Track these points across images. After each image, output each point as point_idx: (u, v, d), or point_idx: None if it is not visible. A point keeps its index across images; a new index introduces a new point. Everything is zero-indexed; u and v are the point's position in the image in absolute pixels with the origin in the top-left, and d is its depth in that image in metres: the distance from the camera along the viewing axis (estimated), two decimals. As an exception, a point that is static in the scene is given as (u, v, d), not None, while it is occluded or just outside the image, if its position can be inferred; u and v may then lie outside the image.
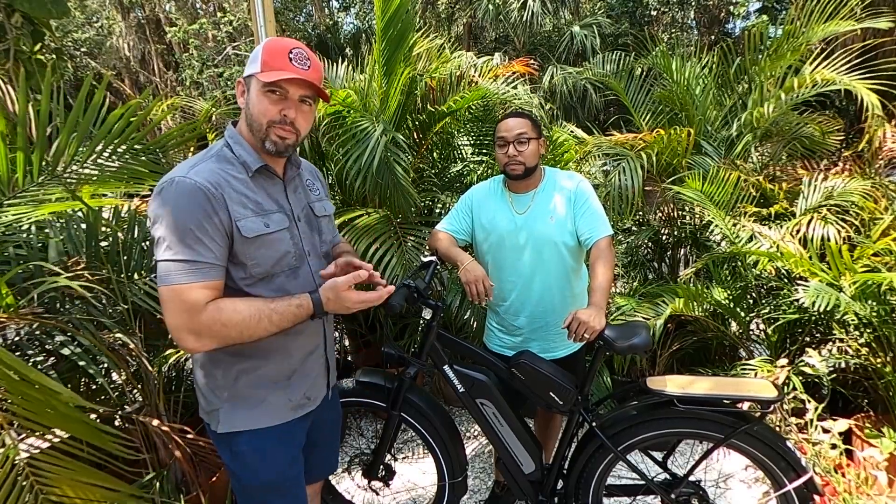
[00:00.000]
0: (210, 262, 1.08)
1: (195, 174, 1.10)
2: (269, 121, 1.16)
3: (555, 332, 1.87)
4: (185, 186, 1.08)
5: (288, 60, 1.15)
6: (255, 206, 1.18)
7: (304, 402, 1.33)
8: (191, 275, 1.06)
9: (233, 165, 1.18)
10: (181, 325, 1.06)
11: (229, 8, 11.11)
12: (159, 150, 1.93)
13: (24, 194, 1.64)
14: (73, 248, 1.82)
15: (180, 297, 1.05)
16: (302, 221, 1.31)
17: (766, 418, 1.58)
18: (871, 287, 2.00)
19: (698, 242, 3.13)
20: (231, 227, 1.12)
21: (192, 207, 1.07)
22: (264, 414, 1.26)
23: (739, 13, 8.50)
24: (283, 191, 1.28)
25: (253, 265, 1.17)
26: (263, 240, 1.17)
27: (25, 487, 1.27)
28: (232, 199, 1.13)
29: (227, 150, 1.20)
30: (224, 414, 1.24)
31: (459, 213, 1.94)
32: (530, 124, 1.79)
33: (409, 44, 2.55)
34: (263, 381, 1.26)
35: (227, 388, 1.24)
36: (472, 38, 10.89)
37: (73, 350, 1.60)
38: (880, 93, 2.86)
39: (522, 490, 1.81)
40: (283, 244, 1.22)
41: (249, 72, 1.17)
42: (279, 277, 1.22)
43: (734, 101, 3.36)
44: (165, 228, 1.06)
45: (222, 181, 1.13)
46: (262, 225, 1.17)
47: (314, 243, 1.34)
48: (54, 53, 3.54)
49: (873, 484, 1.81)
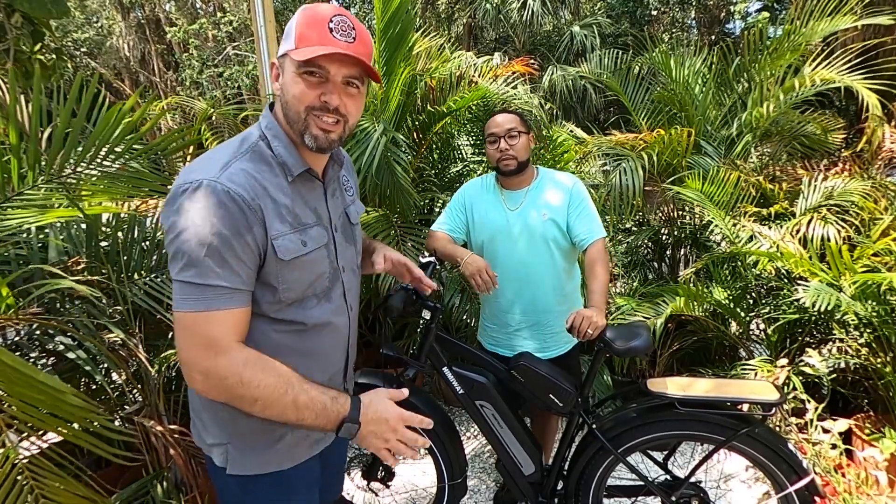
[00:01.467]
0: (236, 288, 0.89)
1: (228, 178, 0.89)
2: (307, 107, 0.94)
3: (548, 331, 1.89)
4: (217, 194, 0.87)
5: (328, 31, 0.91)
6: (294, 220, 0.97)
7: (322, 437, 1.14)
8: (212, 301, 0.87)
9: (270, 167, 0.97)
10: (193, 360, 0.88)
11: (229, 8, 11.10)
12: (160, 152, 1.93)
13: (22, 197, 1.63)
14: (73, 248, 1.82)
15: (199, 328, 0.87)
16: (339, 232, 1.10)
17: (767, 420, 1.58)
18: (871, 287, 2.00)
19: (698, 242, 3.13)
20: (266, 246, 0.93)
21: (224, 221, 0.87)
22: (283, 455, 1.06)
23: (739, 11, 8.50)
24: (323, 196, 1.07)
25: (284, 289, 0.97)
26: (299, 262, 0.97)
27: (25, 488, 1.27)
28: (270, 212, 0.93)
29: (263, 145, 0.98)
30: (234, 453, 1.04)
31: (454, 212, 1.94)
32: (518, 119, 1.81)
33: (408, 44, 2.55)
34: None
35: (235, 420, 1.02)
36: (472, 38, 10.88)
37: (73, 350, 1.60)
38: (880, 93, 2.86)
39: (522, 491, 1.81)
40: (319, 265, 1.02)
41: (283, 49, 0.95)
42: (310, 301, 1.03)
43: (734, 100, 3.36)
44: (186, 243, 0.86)
45: (259, 188, 0.92)
46: (299, 244, 0.97)
47: (349, 256, 1.14)
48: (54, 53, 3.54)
49: (873, 484, 1.81)
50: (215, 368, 0.87)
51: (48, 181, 1.64)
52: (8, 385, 1.18)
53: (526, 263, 1.83)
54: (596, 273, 1.71)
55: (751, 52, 3.24)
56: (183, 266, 0.87)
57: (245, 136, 1.00)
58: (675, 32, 10.05)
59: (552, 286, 1.86)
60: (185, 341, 0.88)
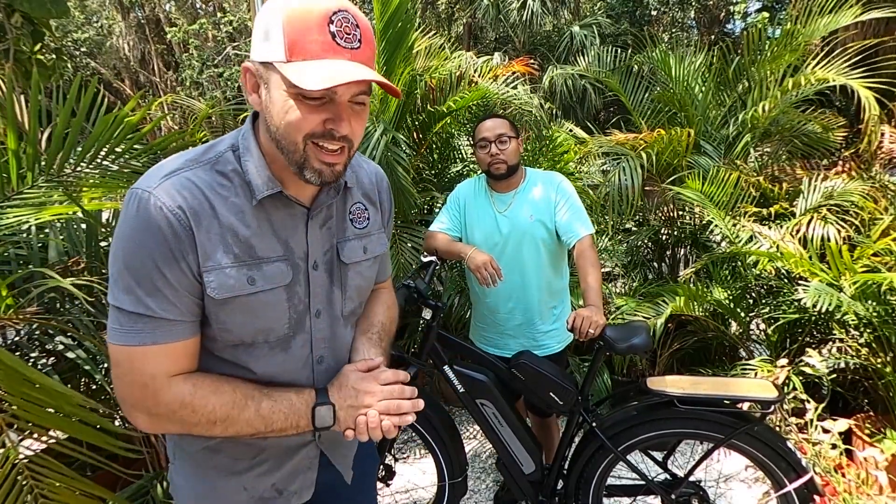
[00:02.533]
0: (172, 319, 0.75)
1: (165, 190, 0.73)
2: (306, 136, 0.73)
3: (538, 330, 1.90)
4: (146, 210, 0.72)
5: (329, 37, 0.69)
6: (243, 251, 0.78)
7: (269, 497, 0.91)
8: (146, 335, 0.73)
9: (230, 183, 0.79)
10: (131, 400, 0.75)
11: (229, 8, 11.11)
12: (160, 151, 1.93)
13: (22, 196, 1.64)
14: (73, 248, 1.82)
15: (134, 365, 0.74)
16: (319, 270, 0.88)
17: (766, 419, 1.58)
18: (871, 287, 2.00)
19: (698, 242, 3.14)
20: (199, 277, 0.76)
21: (150, 244, 0.72)
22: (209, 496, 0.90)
23: (739, 11, 8.50)
24: (304, 224, 0.85)
25: (220, 330, 0.80)
26: (239, 302, 0.78)
27: (25, 488, 1.27)
28: (210, 236, 0.76)
29: (231, 156, 0.80)
30: (174, 477, 0.93)
31: (451, 211, 1.97)
32: (508, 125, 1.84)
33: (408, 44, 2.55)
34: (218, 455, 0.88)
35: (175, 442, 0.91)
36: (472, 38, 10.89)
37: (73, 350, 1.60)
38: (880, 92, 2.86)
39: (522, 490, 1.81)
40: (272, 308, 0.82)
41: (264, 55, 0.72)
42: (259, 348, 0.84)
43: (734, 100, 3.36)
44: (115, 263, 0.74)
45: (204, 205, 0.75)
46: (243, 281, 0.78)
47: (329, 300, 0.90)
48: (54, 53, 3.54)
49: (873, 484, 1.81)
50: (157, 405, 0.75)
51: (48, 180, 1.64)
52: (8, 384, 1.18)
53: (515, 264, 1.85)
54: (587, 271, 1.73)
55: (750, 51, 3.24)
56: (116, 290, 0.74)
57: (215, 143, 0.83)
58: (675, 32, 10.05)
59: (541, 286, 1.88)
60: (119, 376, 0.75)
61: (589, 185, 3.07)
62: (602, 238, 3.29)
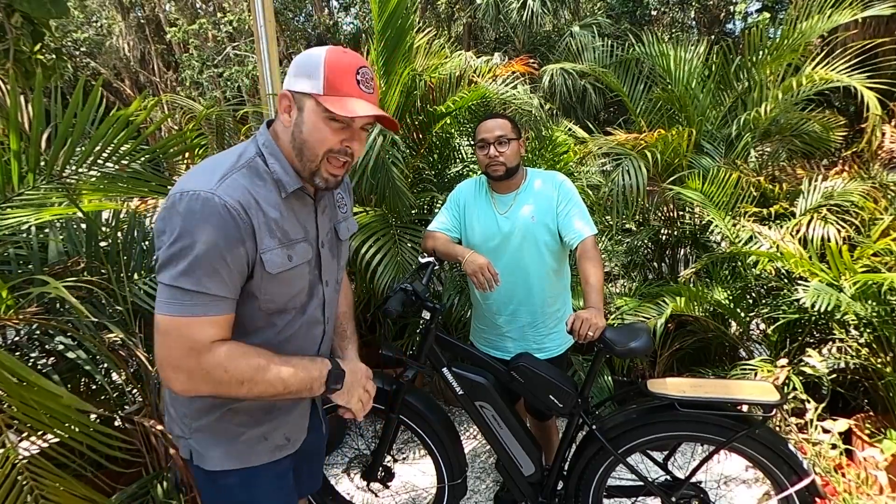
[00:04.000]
0: (223, 296, 0.93)
1: (224, 191, 0.92)
2: (327, 150, 0.99)
3: (538, 332, 1.90)
4: (212, 206, 0.90)
5: (356, 83, 0.97)
6: (282, 235, 1.01)
7: (282, 445, 1.15)
8: (199, 308, 0.90)
9: (264, 182, 1.00)
10: (175, 362, 0.91)
11: (229, 8, 11.10)
12: (161, 154, 1.92)
13: (22, 198, 1.63)
14: (73, 248, 1.82)
15: (183, 332, 0.90)
16: (325, 247, 1.13)
17: (767, 421, 1.58)
18: (871, 287, 2.00)
19: (698, 242, 3.13)
20: (255, 258, 0.96)
21: (217, 234, 0.90)
22: (244, 452, 1.10)
23: (739, 12, 8.50)
24: (314, 212, 1.10)
25: (266, 300, 1.02)
26: (284, 276, 1.01)
27: (25, 488, 1.27)
28: (261, 227, 0.96)
29: (259, 161, 1.01)
30: (197, 447, 1.09)
31: (450, 211, 1.96)
32: (510, 126, 1.81)
33: (407, 44, 2.55)
34: (239, 415, 1.08)
35: (195, 417, 1.07)
36: (472, 38, 10.88)
37: (73, 350, 1.60)
38: (880, 92, 2.86)
39: (522, 491, 1.81)
40: (301, 279, 1.06)
41: (305, 88, 0.97)
42: (288, 314, 1.08)
43: (734, 99, 3.35)
44: (178, 251, 0.89)
45: (253, 202, 0.95)
46: (285, 258, 1.01)
47: (332, 271, 1.18)
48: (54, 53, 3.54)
49: (873, 484, 1.80)
50: (198, 366, 0.90)
51: (48, 181, 1.64)
52: (7, 386, 1.18)
53: (516, 266, 1.84)
54: (589, 272, 1.71)
55: (751, 51, 3.24)
56: (175, 272, 0.89)
57: (242, 151, 1.02)
58: (675, 32, 10.05)
59: (542, 288, 1.87)
60: (167, 343, 0.91)
61: (588, 185, 3.06)
62: (603, 238, 3.29)
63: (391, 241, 2.49)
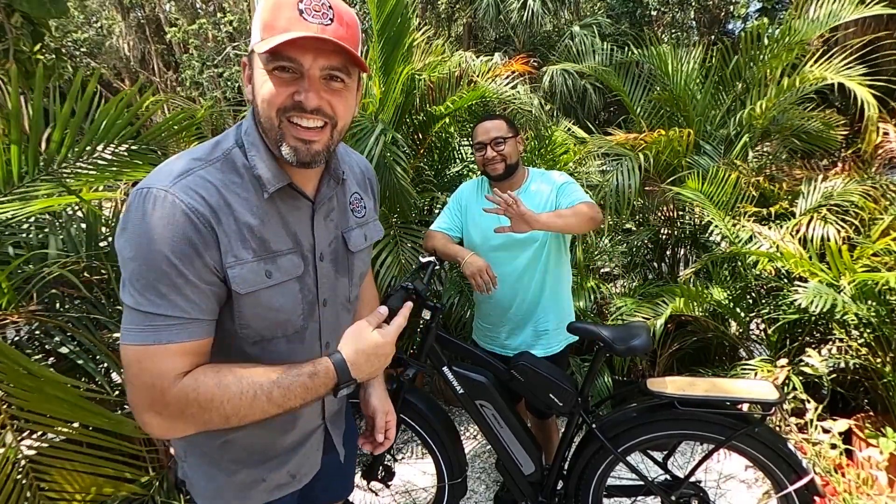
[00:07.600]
0: (190, 318, 0.75)
1: (182, 188, 0.74)
2: (278, 109, 0.76)
3: (539, 330, 1.90)
4: (164, 207, 0.73)
5: (297, 14, 0.73)
6: (259, 245, 0.81)
7: (284, 483, 0.98)
8: (160, 332, 0.73)
9: (241, 179, 0.81)
10: (143, 402, 0.74)
11: (229, 8, 11.10)
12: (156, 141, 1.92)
13: (21, 192, 1.63)
14: (73, 247, 1.82)
15: (144, 365, 0.73)
16: (325, 261, 0.92)
17: (766, 420, 1.58)
18: (871, 287, 2.00)
19: (698, 242, 3.13)
20: (222, 273, 0.78)
21: (171, 241, 0.72)
22: (236, 492, 0.94)
23: (739, 14, 8.50)
24: (310, 218, 0.89)
25: (242, 326, 0.83)
26: (258, 296, 0.81)
27: (25, 485, 1.27)
28: (230, 233, 0.78)
29: (238, 152, 0.82)
30: (190, 476, 0.97)
31: (452, 212, 1.97)
32: (505, 125, 1.82)
33: (406, 44, 2.55)
34: (235, 449, 0.91)
35: (185, 447, 0.94)
36: (472, 38, 10.88)
37: (73, 349, 1.60)
38: (880, 90, 2.86)
39: (522, 491, 1.81)
40: (286, 300, 0.86)
41: (250, 45, 0.78)
42: (277, 342, 0.88)
43: (733, 99, 3.35)
44: (131, 263, 0.73)
45: (222, 203, 0.77)
46: (261, 274, 0.81)
47: (337, 289, 0.96)
48: (54, 53, 3.54)
49: (873, 484, 1.80)
50: (165, 404, 0.73)
51: (48, 173, 1.64)
52: (12, 378, 1.18)
53: (516, 265, 1.85)
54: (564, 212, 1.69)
55: (749, 50, 3.24)
56: (129, 290, 0.74)
57: (220, 140, 0.84)
58: (675, 33, 10.05)
59: (543, 287, 1.88)
60: (130, 382, 0.74)
61: (588, 185, 3.07)
62: (603, 238, 3.29)
63: (392, 241, 2.49)
